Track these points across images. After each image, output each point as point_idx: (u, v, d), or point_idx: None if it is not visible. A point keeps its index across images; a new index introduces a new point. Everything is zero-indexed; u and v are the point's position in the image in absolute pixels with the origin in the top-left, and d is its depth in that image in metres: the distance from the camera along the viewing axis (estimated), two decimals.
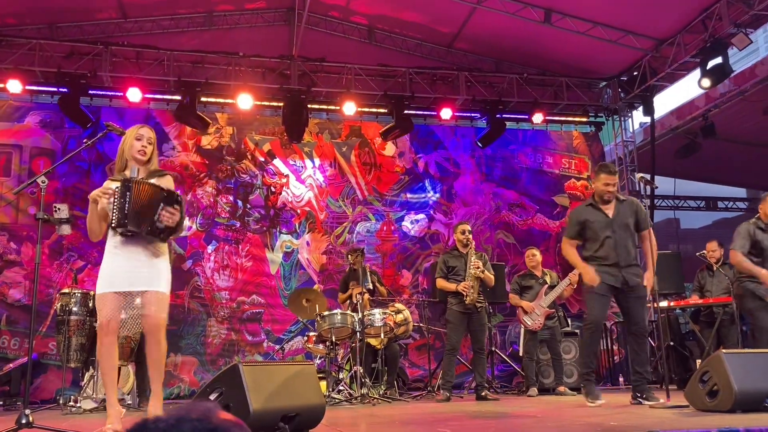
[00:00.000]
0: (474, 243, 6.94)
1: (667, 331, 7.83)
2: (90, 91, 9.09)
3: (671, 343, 7.90)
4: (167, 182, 3.83)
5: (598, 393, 4.98)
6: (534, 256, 7.78)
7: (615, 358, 9.66)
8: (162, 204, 3.61)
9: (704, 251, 7.89)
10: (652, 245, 5.15)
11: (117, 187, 3.61)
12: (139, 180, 3.64)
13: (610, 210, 5.18)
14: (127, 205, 3.54)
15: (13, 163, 9.02)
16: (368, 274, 7.56)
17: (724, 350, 4.22)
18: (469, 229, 6.97)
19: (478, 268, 6.64)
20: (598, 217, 5.15)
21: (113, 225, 3.62)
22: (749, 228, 5.57)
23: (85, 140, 4.18)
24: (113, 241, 3.73)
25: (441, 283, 6.85)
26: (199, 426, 0.97)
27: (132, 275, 3.67)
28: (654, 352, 7.69)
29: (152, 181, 3.74)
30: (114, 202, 3.59)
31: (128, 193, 3.55)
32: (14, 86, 8.65)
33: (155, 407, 3.70)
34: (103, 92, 9.33)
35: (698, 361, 7.40)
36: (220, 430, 0.98)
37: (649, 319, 8.14)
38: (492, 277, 6.82)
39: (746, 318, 5.80)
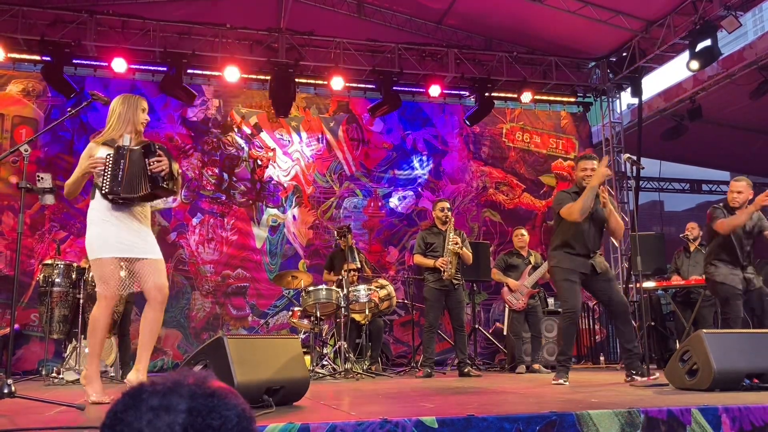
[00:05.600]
0: (453, 220, 6.95)
1: (648, 311, 7.92)
2: (74, 61, 8.95)
3: (652, 323, 7.99)
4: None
5: (567, 377, 5.06)
6: (523, 236, 7.82)
7: (596, 337, 9.78)
8: (145, 160, 3.69)
9: (687, 233, 7.98)
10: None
11: (109, 155, 3.70)
12: (132, 148, 3.74)
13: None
14: (120, 173, 3.64)
15: None
16: (355, 252, 7.57)
17: (704, 330, 4.28)
18: (448, 206, 6.97)
19: (456, 243, 6.65)
20: None
21: (105, 191, 3.69)
22: (720, 212, 5.66)
23: (69, 109, 4.14)
24: (101, 208, 3.77)
25: (419, 259, 6.87)
26: (197, 391, 0.97)
27: (129, 241, 3.75)
28: (635, 331, 7.79)
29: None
30: (106, 169, 3.67)
31: (122, 161, 3.65)
32: None
33: (137, 379, 3.69)
34: (88, 62, 9.19)
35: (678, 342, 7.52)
36: (218, 395, 0.98)
37: (630, 300, 8.22)
38: (470, 254, 6.84)
39: (720, 305, 5.87)
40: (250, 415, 1.01)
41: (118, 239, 3.73)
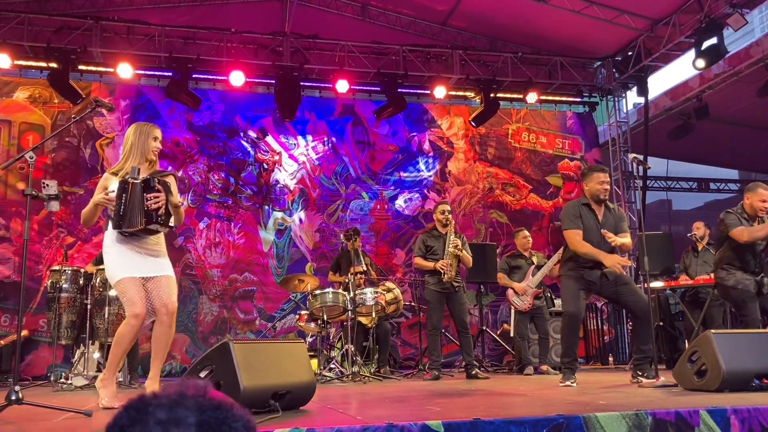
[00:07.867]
0: (454, 223, 6.94)
1: (657, 311, 7.88)
2: (80, 67, 8.99)
3: (661, 323, 7.95)
4: (170, 182, 3.93)
5: (574, 379, 5.03)
6: (527, 238, 7.83)
7: (605, 338, 9.73)
8: (144, 194, 3.73)
9: (694, 233, 7.93)
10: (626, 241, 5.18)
11: (116, 189, 3.77)
12: (135, 181, 3.76)
13: (599, 213, 5.21)
14: (123, 207, 3.71)
15: (1, 138, 8.94)
16: (361, 255, 7.57)
17: (713, 330, 4.25)
18: (449, 209, 6.95)
19: (456, 246, 6.64)
20: (590, 219, 5.18)
21: (113, 226, 3.80)
22: (735, 218, 5.56)
23: (73, 115, 4.17)
24: (113, 236, 3.86)
25: (419, 261, 6.85)
26: (204, 403, 0.98)
27: (144, 261, 3.84)
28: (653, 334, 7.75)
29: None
30: (114, 203, 3.75)
31: (124, 195, 3.71)
32: (3, 61, 8.53)
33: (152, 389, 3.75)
34: (94, 68, 9.23)
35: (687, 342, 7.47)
36: (224, 407, 0.99)
37: None
38: (470, 257, 6.82)
39: (737, 309, 5.78)
40: (253, 425, 1.02)
41: (130, 261, 3.81)
